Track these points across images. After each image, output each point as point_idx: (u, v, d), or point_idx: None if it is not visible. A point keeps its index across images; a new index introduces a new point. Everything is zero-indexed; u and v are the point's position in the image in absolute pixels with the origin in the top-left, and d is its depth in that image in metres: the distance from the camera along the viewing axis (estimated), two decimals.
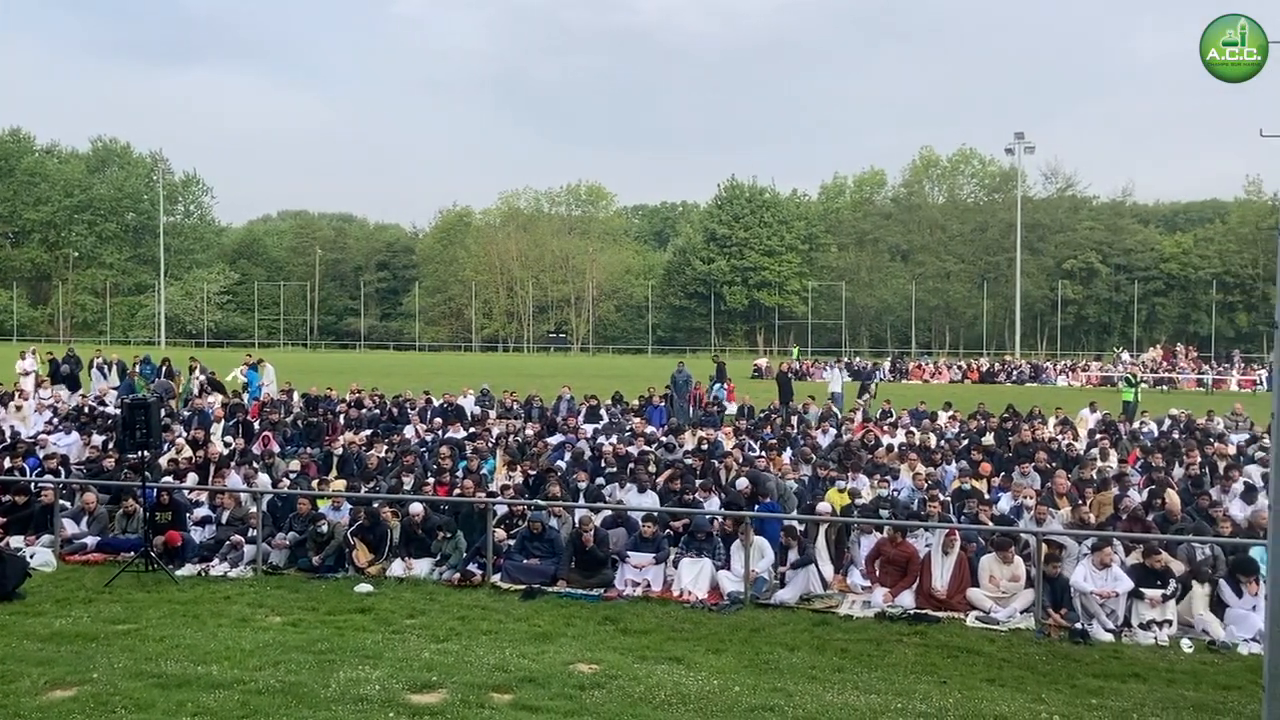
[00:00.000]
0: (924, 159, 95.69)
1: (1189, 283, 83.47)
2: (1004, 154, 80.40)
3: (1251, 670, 8.69)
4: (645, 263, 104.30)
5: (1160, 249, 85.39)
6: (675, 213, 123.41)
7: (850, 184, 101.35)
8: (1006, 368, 55.92)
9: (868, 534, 12.85)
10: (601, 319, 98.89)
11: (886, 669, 9.31)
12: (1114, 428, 23.57)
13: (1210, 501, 14.49)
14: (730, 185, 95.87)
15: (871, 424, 24.57)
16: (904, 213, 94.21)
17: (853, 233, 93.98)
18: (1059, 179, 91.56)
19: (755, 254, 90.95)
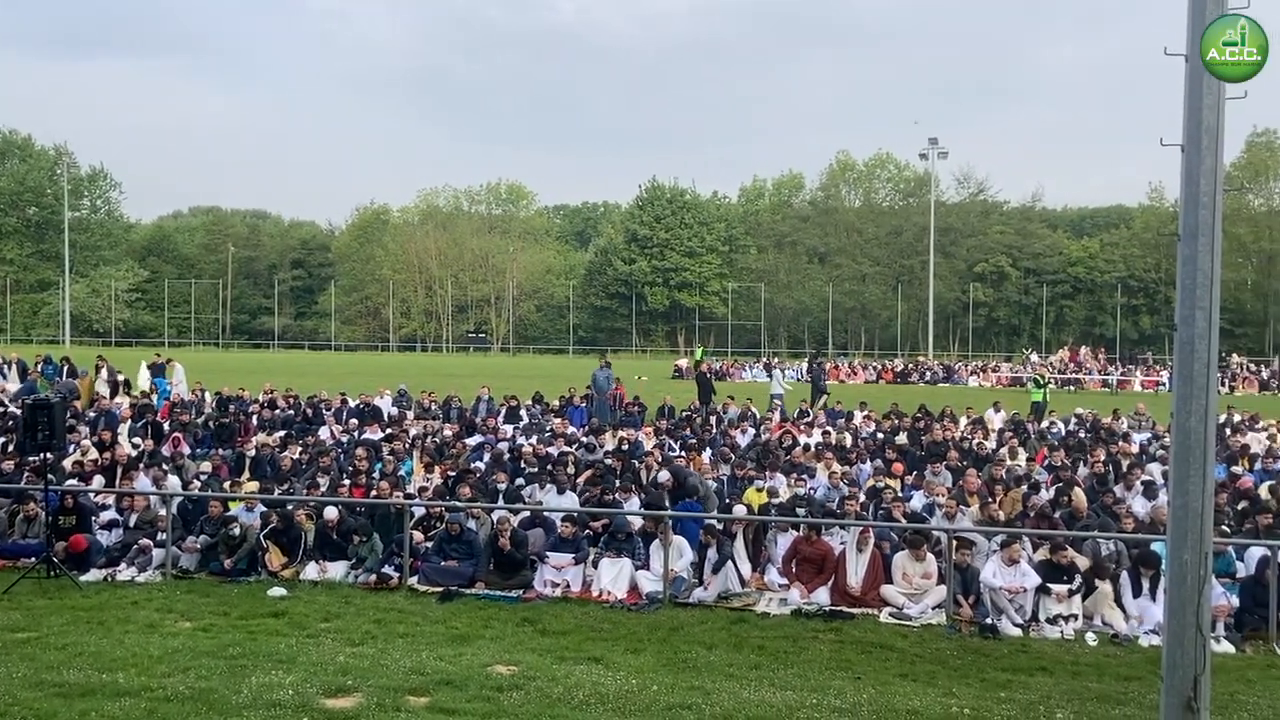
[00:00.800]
0: (841, 163, 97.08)
1: (1095, 286, 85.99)
2: (918, 159, 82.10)
3: (1151, 661, 8.99)
4: (566, 263, 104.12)
5: (1068, 253, 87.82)
6: (597, 213, 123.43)
7: (769, 187, 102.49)
8: (920, 368, 57.03)
9: (785, 532, 13.01)
10: (522, 319, 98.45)
11: (802, 665, 9.44)
12: (1023, 427, 24.19)
13: (1114, 499, 14.94)
14: (651, 186, 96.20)
15: (789, 423, 24.85)
16: (821, 216, 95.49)
17: (772, 235, 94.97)
18: (971, 184, 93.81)
19: (676, 255, 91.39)
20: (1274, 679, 9.44)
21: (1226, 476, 17.36)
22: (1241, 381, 49.47)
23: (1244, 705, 8.52)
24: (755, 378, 54.01)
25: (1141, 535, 12.32)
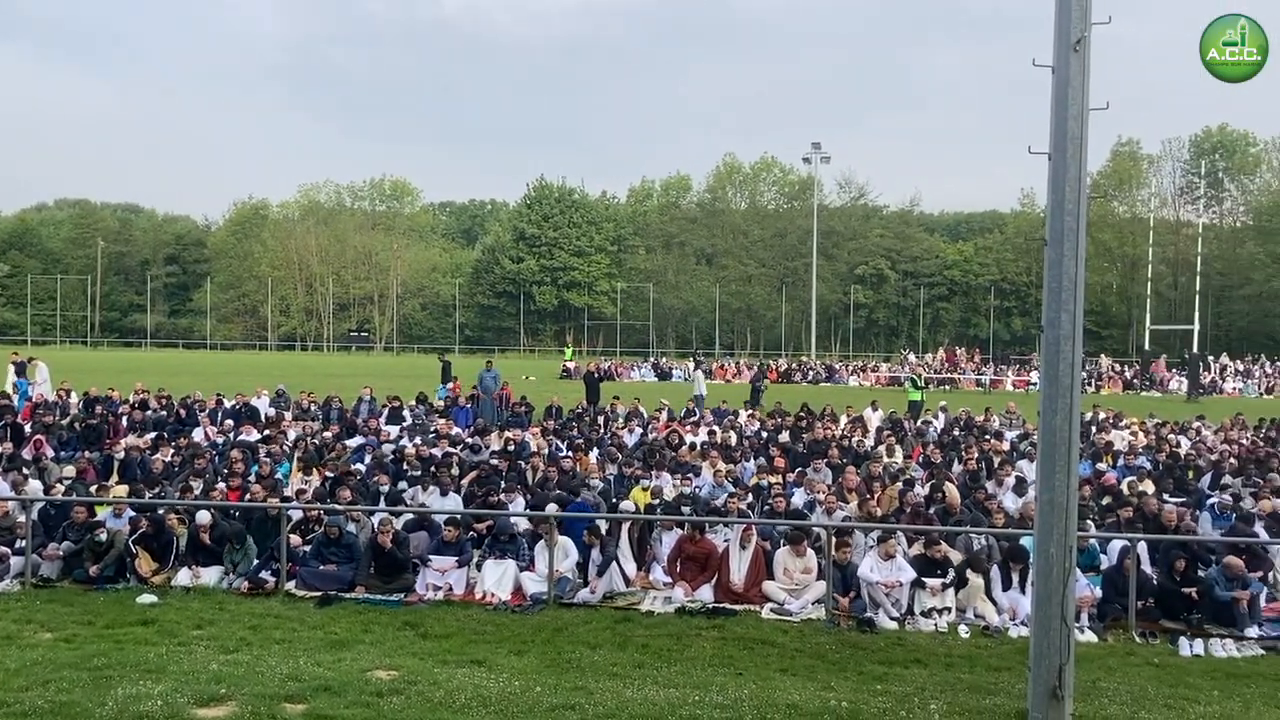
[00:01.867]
0: (728, 166, 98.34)
1: (970, 289, 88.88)
2: (802, 163, 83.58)
3: (1020, 652, 9.28)
4: (452, 261, 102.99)
5: (944, 257, 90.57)
6: (484, 211, 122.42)
7: (658, 188, 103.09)
8: (803, 368, 58.07)
9: (669, 531, 13.08)
10: (406, 317, 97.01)
11: (685, 663, 9.50)
12: (900, 425, 24.82)
13: (986, 495, 15.45)
14: (540, 185, 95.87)
15: (676, 423, 25.02)
16: (709, 217, 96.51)
17: (660, 236, 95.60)
18: (852, 188, 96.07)
19: (565, 254, 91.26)
20: (1133, 666, 9.86)
21: (1092, 473, 18.12)
22: (1107, 381, 51.66)
23: (1105, 692, 8.87)
24: (644, 377, 54.31)
25: (1011, 530, 12.74)
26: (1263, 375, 53.20)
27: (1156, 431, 23.80)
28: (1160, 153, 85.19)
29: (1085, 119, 7.88)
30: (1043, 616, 8.04)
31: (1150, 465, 19.11)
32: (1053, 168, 7.97)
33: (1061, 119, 7.90)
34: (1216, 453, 20.37)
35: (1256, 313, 79.24)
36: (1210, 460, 19.32)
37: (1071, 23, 7.83)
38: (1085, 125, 7.89)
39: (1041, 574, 8.10)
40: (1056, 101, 7.94)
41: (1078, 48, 7.80)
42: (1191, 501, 16.02)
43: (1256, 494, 15.57)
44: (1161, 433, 23.56)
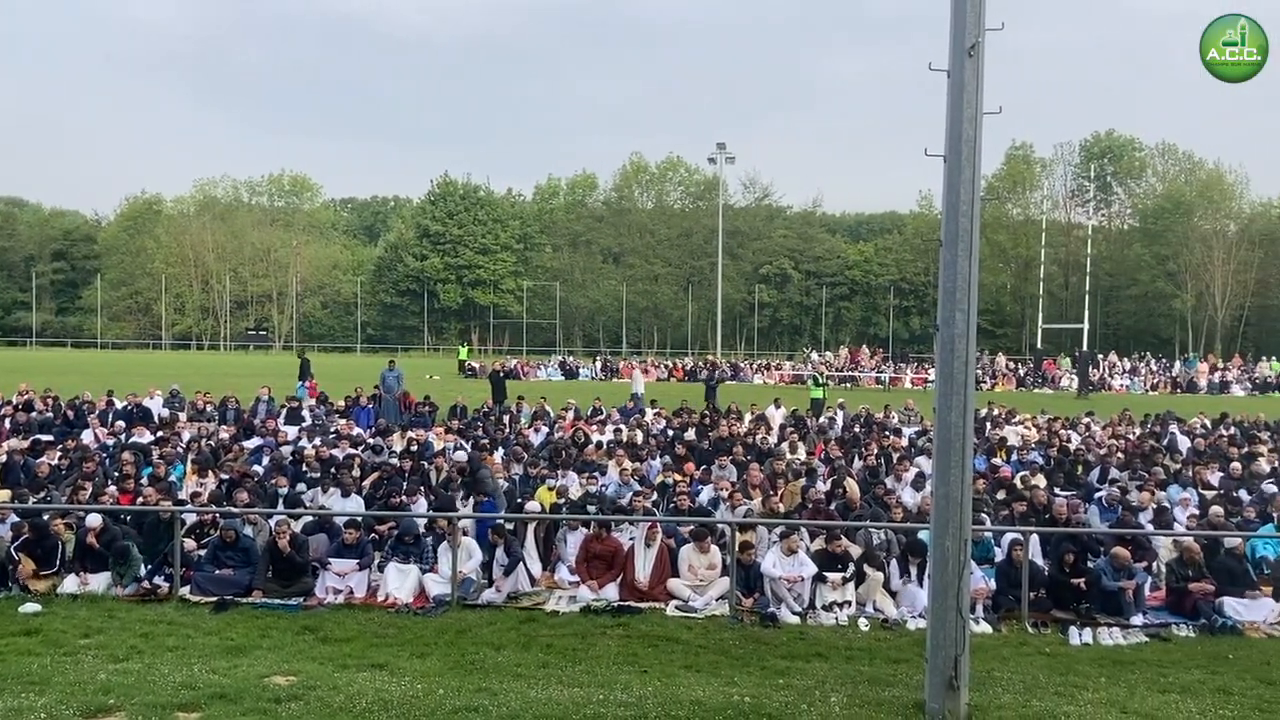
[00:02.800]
0: (634, 165, 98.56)
1: (870, 288, 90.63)
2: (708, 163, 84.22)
3: (918, 644, 9.49)
4: (354, 258, 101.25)
5: (845, 257, 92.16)
6: (387, 207, 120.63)
7: (564, 186, 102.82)
8: (709, 366, 58.51)
9: (575, 531, 13.05)
10: (307, 316, 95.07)
11: (590, 662, 9.48)
12: (803, 423, 25.18)
13: (885, 490, 15.77)
14: (444, 182, 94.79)
15: (582, 421, 24.99)
16: (615, 216, 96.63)
17: (566, 234, 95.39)
18: (757, 189, 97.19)
19: (470, 252, 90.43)
20: (1026, 656, 10.15)
21: (987, 467, 18.61)
22: (1001, 379, 53.15)
23: (999, 681, 9.11)
24: (550, 376, 54.14)
25: (910, 524, 13.01)
26: (1148, 373, 55.33)
27: (1048, 427, 24.55)
28: (1052, 157, 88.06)
29: (979, 123, 8.08)
30: (939, 609, 8.23)
31: (1042, 460, 19.71)
32: (948, 170, 8.16)
33: (956, 122, 8.08)
34: (1105, 447, 21.10)
35: (1142, 312, 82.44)
36: (1099, 455, 19.99)
37: (966, 28, 8.02)
38: (979, 129, 8.08)
39: (938, 567, 8.28)
40: (951, 105, 8.12)
41: (972, 53, 7.98)
42: (1081, 495, 16.54)
43: (1141, 487, 16.17)
44: (1053, 428, 24.32)
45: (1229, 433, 24.50)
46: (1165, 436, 23.82)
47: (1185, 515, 15.05)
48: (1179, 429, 25.16)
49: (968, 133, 8.04)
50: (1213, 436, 23.60)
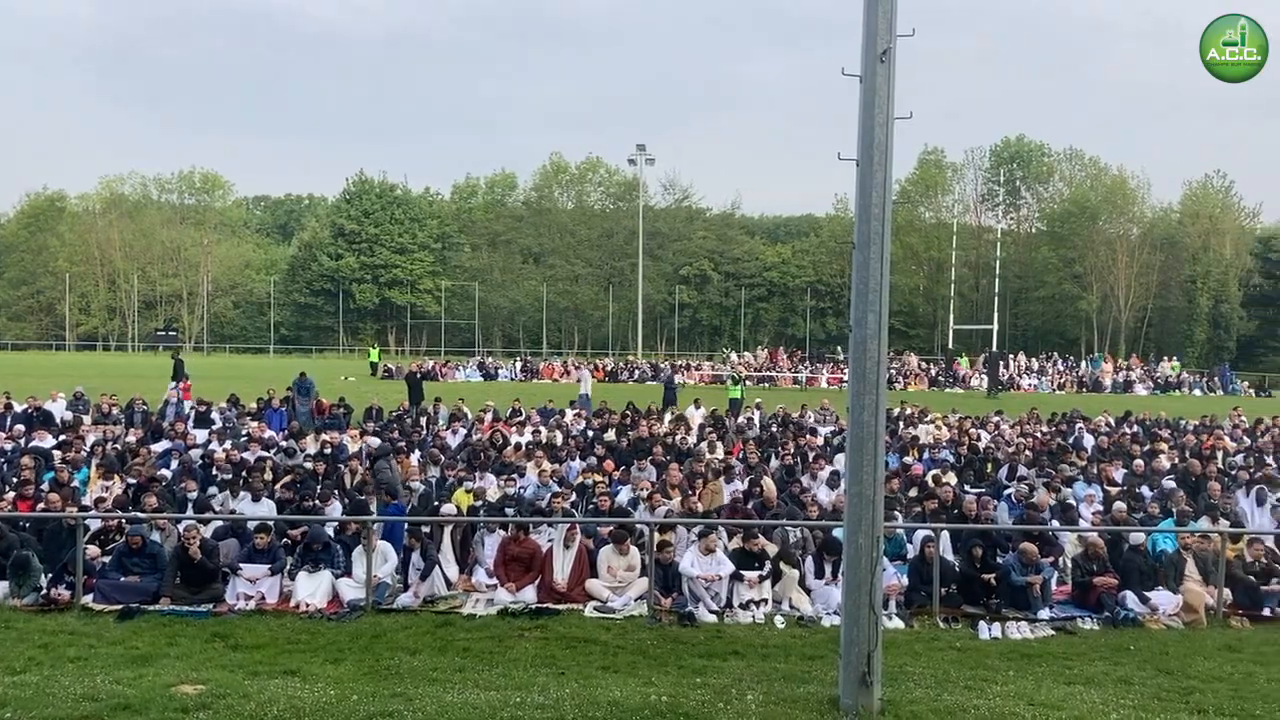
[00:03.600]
0: (554, 165, 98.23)
1: (788, 290, 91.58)
2: (628, 164, 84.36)
3: (833, 640, 9.62)
4: (267, 257, 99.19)
5: (763, 259, 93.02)
6: (301, 206, 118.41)
7: (483, 185, 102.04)
8: (629, 367, 58.62)
9: (492, 533, 12.96)
10: (218, 316, 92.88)
11: (507, 664, 9.43)
12: (721, 422, 25.36)
13: (801, 489, 15.96)
14: (360, 180, 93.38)
15: (501, 423, 24.83)
16: (535, 216, 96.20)
17: (485, 234, 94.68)
18: (676, 190, 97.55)
19: (386, 251, 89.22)
20: (937, 650, 10.36)
21: (899, 465, 18.96)
22: (913, 379, 54.15)
23: (911, 676, 9.27)
24: (469, 377, 53.71)
25: (825, 522, 13.18)
26: (1055, 372, 56.83)
27: (959, 426, 25.08)
28: (963, 161, 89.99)
29: (890, 127, 8.22)
30: (852, 605, 8.35)
31: (953, 458, 20.12)
32: (860, 174, 8.28)
33: (868, 127, 8.21)
34: (1013, 445, 21.63)
35: (1049, 313, 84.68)
36: (1008, 453, 20.48)
37: (878, 34, 8.15)
38: (890, 133, 8.22)
39: (851, 564, 8.41)
40: (864, 110, 8.24)
41: (884, 59, 8.11)
42: (990, 492, 16.95)
43: (1048, 484, 16.60)
44: (963, 427, 24.84)
45: (1132, 431, 25.30)
46: (1071, 435, 24.50)
47: (1090, 511, 15.51)
48: (1084, 427, 25.89)
49: (879, 137, 8.18)
50: (1116, 434, 24.34)
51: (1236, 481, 17.46)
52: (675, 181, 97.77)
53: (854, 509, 8.38)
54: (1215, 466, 19.04)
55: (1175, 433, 24.82)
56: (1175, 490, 16.21)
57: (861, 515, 8.29)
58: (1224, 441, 23.08)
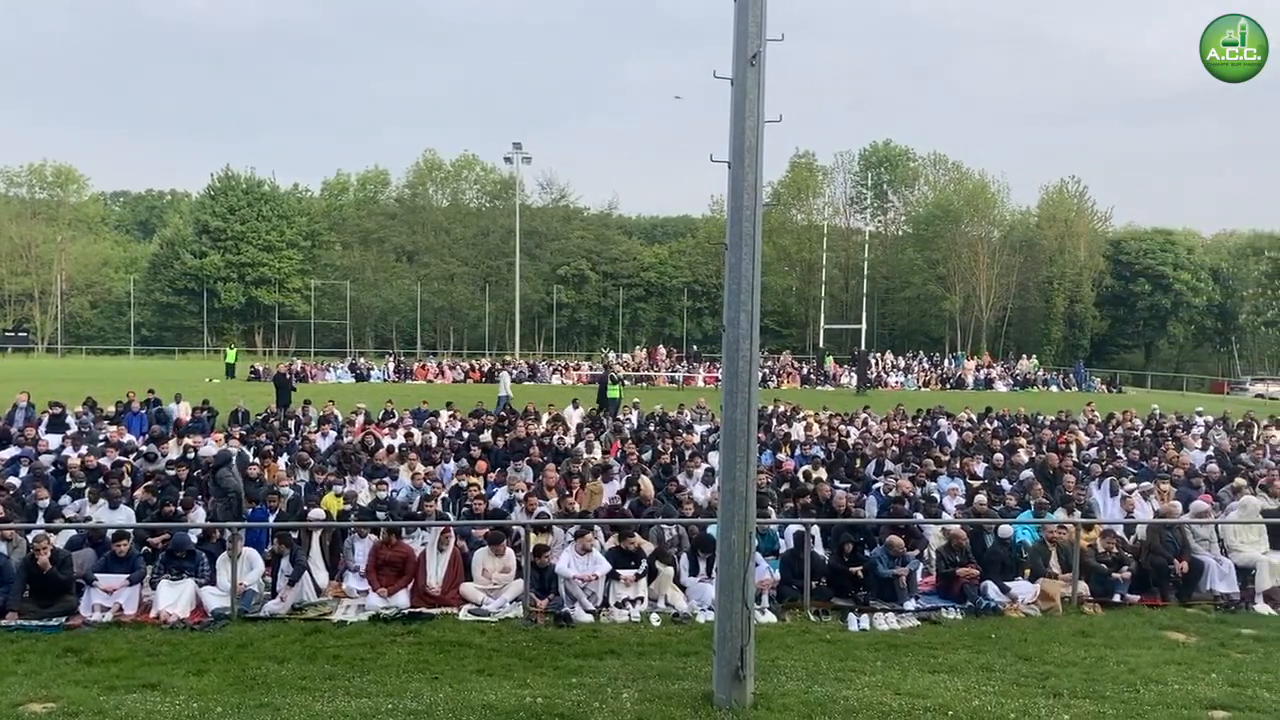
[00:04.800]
0: (428, 162, 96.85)
1: (665, 290, 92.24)
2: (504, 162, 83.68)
3: (707, 637, 9.71)
4: (127, 255, 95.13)
5: (641, 259, 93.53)
6: (162, 202, 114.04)
7: (354, 182, 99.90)
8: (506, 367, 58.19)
9: (364, 538, 12.71)
10: (74, 316, 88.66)
11: (379, 671, 9.25)
12: (599, 422, 25.38)
13: (678, 486, 16.09)
14: (225, 176, 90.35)
15: (373, 425, 24.36)
16: (409, 214, 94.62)
17: (357, 231, 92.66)
18: (553, 189, 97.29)
19: (253, 249, 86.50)
20: (808, 643, 10.57)
21: (772, 462, 19.30)
22: (786, 377, 55.16)
23: (783, 669, 9.44)
24: (340, 379, 52.52)
25: (700, 519, 13.32)
26: (920, 370, 58.64)
27: (829, 423, 25.65)
28: (833, 165, 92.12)
29: (761, 130, 8.35)
30: (726, 601, 8.45)
31: (824, 454, 20.57)
32: (732, 176, 8.39)
33: (740, 129, 8.32)
34: (881, 441, 22.23)
35: (915, 313, 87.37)
36: (875, 449, 21.04)
37: (748, 38, 8.27)
38: (761, 136, 8.35)
39: (724, 560, 8.51)
40: (735, 112, 8.35)
41: (754, 62, 8.24)
42: (859, 487, 17.39)
43: (914, 478, 17.12)
44: (833, 424, 25.42)
45: (993, 426, 26.26)
46: (935, 430, 25.31)
47: (953, 504, 16.05)
48: (948, 423, 26.78)
49: (750, 139, 8.30)
50: (978, 430, 25.23)
51: (1090, 474, 18.30)
52: (552, 180, 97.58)
53: (727, 505, 8.49)
54: (1070, 460, 19.91)
55: (1033, 428, 25.84)
56: (1033, 483, 16.89)
57: (734, 511, 8.40)
58: (1078, 436, 24.16)
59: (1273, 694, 9.12)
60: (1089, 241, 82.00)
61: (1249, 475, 17.91)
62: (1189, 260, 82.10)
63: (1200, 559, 13.08)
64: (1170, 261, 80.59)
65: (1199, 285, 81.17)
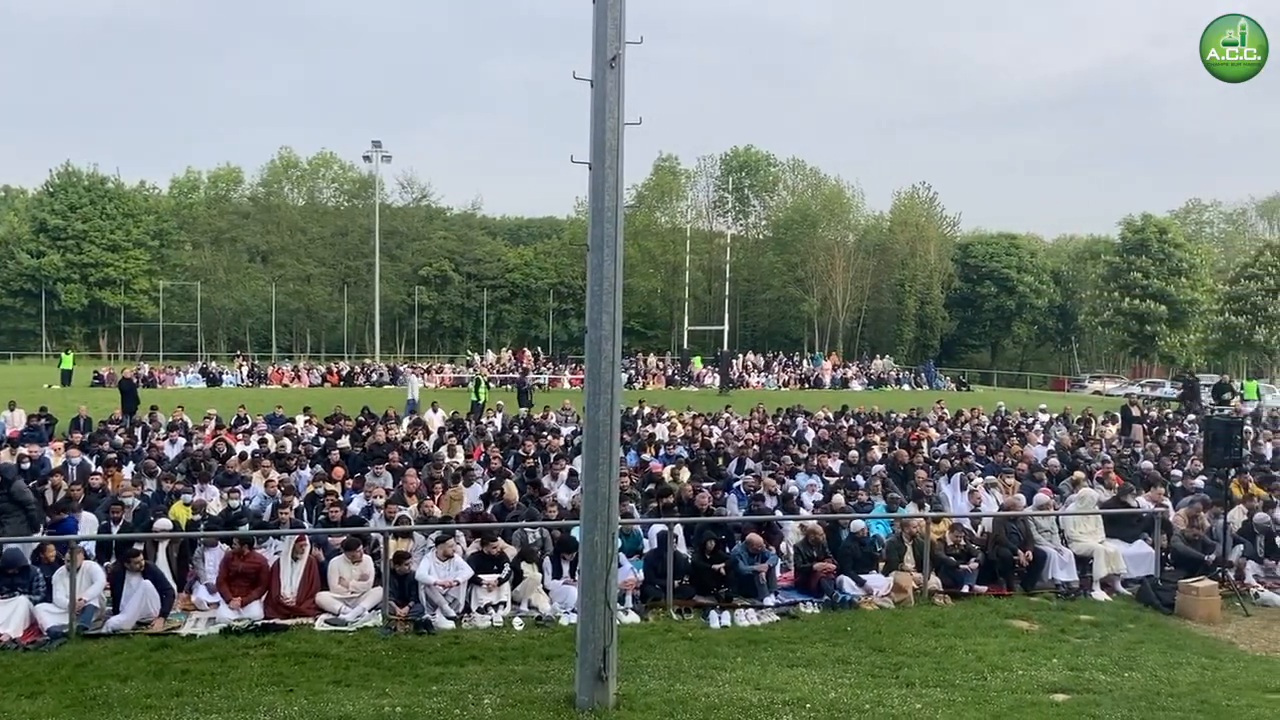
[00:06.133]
0: (283, 160, 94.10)
1: (530, 291, 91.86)
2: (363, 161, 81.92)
3: (570, 639, 9.70)
4: None
5: (506, 260, 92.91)
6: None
7: (205, 180, 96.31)
8: (366, 371, 56.99)
9: (213, 548, 12.24)
10: None
11: (231, 685, 8.92)
12: (462, 425, 25.09)
13: (542, 490, 16.02)
14: (65, 171, 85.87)
15: (225, 431, 23.52)
16: (263, 213, 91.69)
17: (208, 231, 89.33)
18: (415, 189, 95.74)
19: (96, 249, 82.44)
20: (671, 642, 10.65)
21: (637, 462, 19.41)
22: (651, 378, 55.59)
23: (646, 669, 9.49)
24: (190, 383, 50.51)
25: (564, 522, 13.29)
26: (780, 370, 59.89)
27: (692, 423, 25.96)
28: (696, 168, 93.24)
29: (621, 132, 8.38)
30: (588, 602, 8.45)
31: (687, 454, 20.79)
32: (593, 177, 8.39)
33: (600, 131, 8.34)
34: (742, 440, 22.60)
35: (775, 315, 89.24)
36: (737, 448, 21.38)
37: (607, 40, 8.29)
38: (621, 137, 8.38)
39: (587, 561, 8.51)
40: (595, 114, 8.36)
41: (613, 64, 8.26)
42: (721, 485, 17.63)
43: (774, 475, 17.45)
44: (696, 424, 25.74)
45: (849, 424, 27.02)
46: (794, 429, 25.89)
47: (811, 500, 16.43)
48: (806, 421, 27.43)
49: (611, 141, 8.32)
50: (835, 428, 25.92)
51: (939, 469, 18.99)
52: (413, 180, 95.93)
53: (590, 507, 8.49)
54: (921, 456, 20.63)
55: (887, 425, 26.69)
56: (886, 478, 17.43)
57: (597, 512, 8.41)
58: (929, 432, 25.06)
59: (1108, 676, 9.63)
60: (938, 245, 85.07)
61: (1086, 469, 18.90)
62: (1032, 263, 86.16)
63: (1042, 549, 13.71)
64: (1014, 265, 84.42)
65: (1041, 287, 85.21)
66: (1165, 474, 18.82)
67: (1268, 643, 11.14)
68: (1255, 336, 64.28)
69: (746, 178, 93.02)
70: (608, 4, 8.24)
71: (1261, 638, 11.34)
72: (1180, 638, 11.16)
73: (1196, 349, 71.96)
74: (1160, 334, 69.90)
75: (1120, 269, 71.14)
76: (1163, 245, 70.44)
